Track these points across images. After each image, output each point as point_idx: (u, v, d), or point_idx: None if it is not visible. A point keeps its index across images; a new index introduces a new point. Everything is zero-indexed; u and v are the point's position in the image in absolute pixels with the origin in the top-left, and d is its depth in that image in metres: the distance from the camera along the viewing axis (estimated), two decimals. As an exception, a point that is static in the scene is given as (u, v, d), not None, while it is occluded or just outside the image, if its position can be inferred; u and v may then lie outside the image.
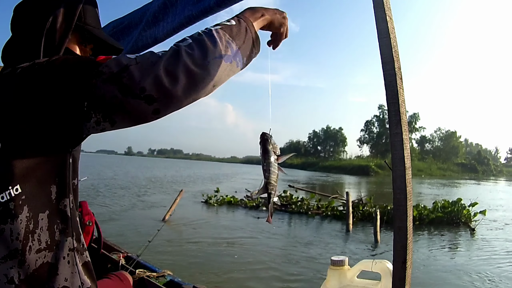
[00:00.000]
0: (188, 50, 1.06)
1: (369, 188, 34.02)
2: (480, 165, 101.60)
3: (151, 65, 1.02)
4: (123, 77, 1.00)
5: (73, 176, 1.13)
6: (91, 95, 1.00)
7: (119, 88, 0.99)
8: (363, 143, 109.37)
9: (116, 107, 1.01)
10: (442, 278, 7.72)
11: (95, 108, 1.01)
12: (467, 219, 13.91)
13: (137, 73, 1.00)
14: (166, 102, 1.03)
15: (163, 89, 1.01)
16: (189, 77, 1.04)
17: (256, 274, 7.50)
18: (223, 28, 1.15)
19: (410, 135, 2.36)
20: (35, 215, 1.03)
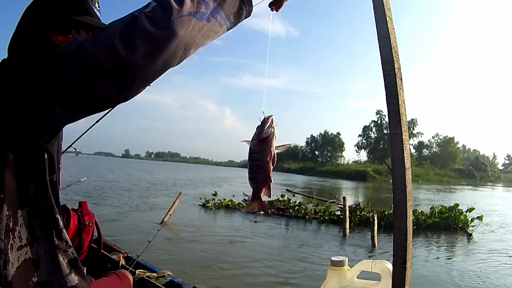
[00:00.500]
0: (150, 13, 0.94)
1: (367, 193, 34.02)
2: (478, 171, 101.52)
3: (105, 37, 0.92)
4: (78, 55, 0.91)
5: (51, 172, 1.08)
6: (50, 81, 0.92)
7: (75, 68, 0.91)
8: (361, 148, 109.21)
9: (77, 90, 0.92)
10: (439, 283, 7.71)
11: (57, 94, 0.93)
12: (464, 225, 13.92)
13: (92, 48, 0.91)
14: (128, 75, 0.93)
15: (120, 60, 0.90)
16: (149, 41, 0.92)
17: (254, 277, 7.49)
18: None
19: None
20: (14, 213, 1.00)
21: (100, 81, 0.91)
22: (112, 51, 0.90)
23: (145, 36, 0.91)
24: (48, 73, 0.92)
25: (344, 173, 78.29)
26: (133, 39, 0.91)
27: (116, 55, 0.90)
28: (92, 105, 0.98)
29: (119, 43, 0.90)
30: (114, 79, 0.92)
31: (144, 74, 0.94)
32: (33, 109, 0.95)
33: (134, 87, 0.97)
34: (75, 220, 2.57)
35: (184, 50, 0.98)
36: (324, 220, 14.92)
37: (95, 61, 0.90)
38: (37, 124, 0.98)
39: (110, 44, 0.90)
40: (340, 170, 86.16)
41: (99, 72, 0.90)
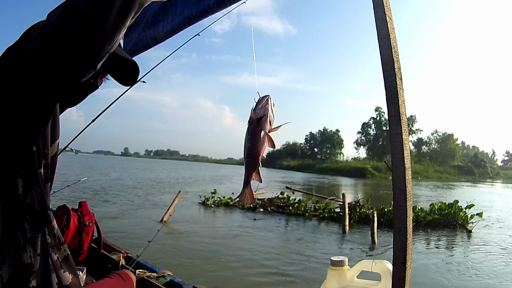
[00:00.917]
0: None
1: (366, 190, 34.03)
2: (477, 167, 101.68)
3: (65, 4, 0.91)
4: (43, 26, 0.92)
5: (40, 165, 1.07)
6: (24, 58, 0.94)
7: (42, 37, 0.91)
8: (360, 145, 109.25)
9: (46, 59, 0.91)
10: (439, 279, 7.72)
11: (32, 70, 0.93)
12: (464, 221, 13.94)
13: (53, 13, 0.92)
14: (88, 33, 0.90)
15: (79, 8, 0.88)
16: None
17: (254, 275, 7.50)
18: None
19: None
20: (8, 214, 1.00)
21: (63, 40, 0.89)
22: (65, 9, 0.90)
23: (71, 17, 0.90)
24: (23, 52, 0.95)
25: (343, 170, 78.36)
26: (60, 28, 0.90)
27: (67, 10, 0.90)
28: (69, 73, 0.96)
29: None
30: (76, 32, 0.89)
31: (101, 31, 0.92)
32: (14, 93, 0.96)
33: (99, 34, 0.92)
34: (75, 220, 2.58)
35: None
36: (323, 217, 14.92)
37: (55, 22, 0.89)
38: (21, 108, 0.98)
39: (64, 4, 0.91)
40: (339, 167, 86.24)
41: (60, 31, 0.89)
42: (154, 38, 2.21)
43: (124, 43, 2.39)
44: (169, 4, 2.09)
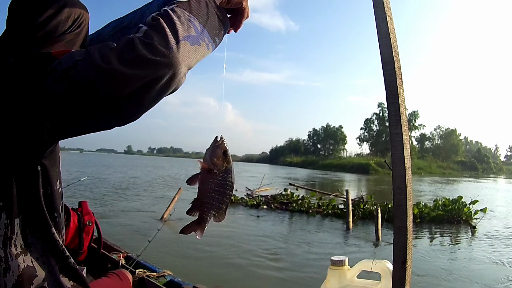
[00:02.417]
0: (145, 39, 0.89)
1: (369, 186, 33.99)
2: (480, 163, 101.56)
3: (102, 58, 0.88)
4: (72, 75, 0.88)
5: (44, 184, 1.06)
6: (42, 96, 0.90)
7: (69, 86, 0.88)
8: (363, 141, 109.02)
9: (69, 108, 0.90)
10: (443, 275, 7.71)
11: (48, 110, 0.91)
12: (468, 217, 13.91)
13: (87, 68, 0.88)
14: (124, 101, 0.90)
15: (116, 86, 0.88)
16: (148, 69, 0.88)
17: (256, 272, 7.51)
18: (180, 5, 0.99)
19: (409, 133, 2.37)
20: (12, 221, 0.99)
21: (93, 102, 0.89)
22: (108, 75, 0.87)
23: (144, 63, 0.88)
24: (41, 88, 0.90)
25: (346, 166, 78.40)
26: (130, 65, 0.88)
27: (112, 80, 0.87)
28: (86, 126, 0.97)
29: (116, 67, 0.87)
30: (108, 103, 0.89)
31: (141, 101, 0.93)
32: (23, 122, 0.94)
33: (130, 113, 0.94)
34: (75, 219, 2.58)
35: (181, 76, 0.95)
36: (327, 214, 14.91)
37: (89, 82, 0.87)
38: (27, 136, 0.96)
39: (106, 68, 0.87)
40: (342, 163, 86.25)
41: (93, 93, 0.88)
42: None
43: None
44: (169, 4, 2.08)
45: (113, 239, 3.83)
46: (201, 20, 1.01)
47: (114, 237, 8.13)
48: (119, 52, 0.88)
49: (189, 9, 1.00)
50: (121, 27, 2.44)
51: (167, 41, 0.90)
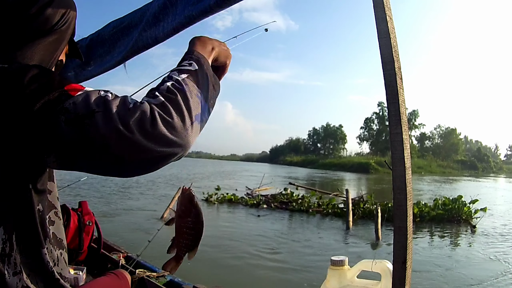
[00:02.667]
0: (165, 115, 0.92)
1: (369, 186, 34.02)
2: (480, 162, 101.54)
3: (120, 118, 0.88)
4: (87, 124, 0.87)
5: (40, 205, 1.05)
6: (52, 133, 0.88)
7: (81, 134, 0.87)
8: (363, 140, 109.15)
9: (76, 152, 0.89)
10: (443, 275, 7.72)
11: (55, 147, 0.90)
12: (468, 216, 13.93)
13: (103, 123, 0.87)
14: (131, 163, 0.92)
15: (129, 150, 0.89)
16: (161, 144, 0.91)
17: (256, 272, 7.52)
18: (189, 76, 1.03)
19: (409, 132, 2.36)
20: (10, 238, 0.98)
21: (101, 156, 0.89)
22: (124, 141, 0.88)
23: (163, 141, 0.91)
24: (53, 125, 0.88)
25: (346, 166, 78.51)
26: (149, 139, 0.89)
27: (127, 147, 0.89)
28: (88, 168, 0.96)
29: (135, 137, 0.88)
30: (115, 161, 0.90)
31: (146, 167, 0.95)
32: (25, 148, 0.92)
33: (131, 173, 0.96)
34: (75, 220, 2.58)
35: (186, 151, 0.98)
36: (327, 213, 14.93)
37: (103, 140, 0.87)
38: (27, 160, 0.96)
39: (125, 135, 0.88)
40: (342, 162, 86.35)
41: (103, 151, 0.88)
42: (155, 38, 2.20)
43: (124, 43, 2.38)
44: (169, 4, 2.08)
45: (114, 238, 3.83)
46: (204, 94, 1.05)
47: (115, 235, 8.16)
48: (139, 122, 0.89)
49: (197, 82, 1.03)
50: (121, 27, 2.45)
51: (184, 122, 0.94)
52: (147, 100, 0.94)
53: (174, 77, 1.01)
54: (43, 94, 0.90)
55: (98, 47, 2.50)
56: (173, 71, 1.04)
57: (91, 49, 2.53)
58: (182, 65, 1.06)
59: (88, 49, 2.54)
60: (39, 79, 0.93)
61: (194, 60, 1.09)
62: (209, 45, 1.18)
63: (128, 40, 2.36)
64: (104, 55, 2.48)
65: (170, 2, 2.08)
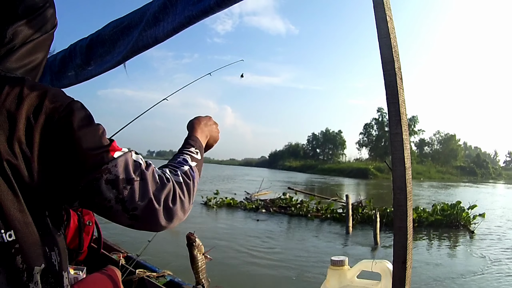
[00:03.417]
0: (182, 195, 1.11)
1: (368, 191, 34.00)
2: (479, 168, 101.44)
3: (153, 192, 1.03)
4: (125, 189, 0.99)
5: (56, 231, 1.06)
6: (90, 185, 0.96)
7: (116, 196, 0.99)
8: (362, 146, 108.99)
9: (103, 207, 1.00)
10: (442, 279, 7.71)
11: (87, 197, 0.98)
12: (467, 222, 13.93)
13: (138, 193, 1.01)
14: (145, 226, 1.06)
15: (150, 219, 1.04)
16: (173, 218, 1.08)
17: (256, 274, 7.52)
18: (197, 165, 1.27)
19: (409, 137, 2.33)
20: (29, 268, 0.94)
21: (125, 216, 1.02)
22: (151, 208, 1.03)
23: (173, 217, 1.08)
24: (94, 179, 0.97)
25: (345, 171, 78.33)
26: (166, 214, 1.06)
27: (149, 214, 1.03)
28: (102, 215, 1.05)
29: (159, 207, 1.04)
30: (135, 221, 1.04)
31: (150, 228, 1.08)
32: (58, 190, 0.98)
33: (136, 228, 1.08)
34: (75, 219, 2.58)
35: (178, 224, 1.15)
36: (326, 218, 14.94)
37: (134, 206, 1.01)
38: (52, 198, 1.00)
39: (154, 204, 1.03)
40: (341, 168, 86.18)
41: (130, 212, 1.02)
42: (155, 38, 2.21)
43: (125, 43, 2.39)
44: (169, 4, 2.09)
45: (114, 238, 3.82)
46: (199, 177, 1.27)
47: (115, 235, 8.12)
48: (166, 199, 1.06)
49: (199, 171, 1.28)
50: (121, 27, 2.46)
51: (189, 204, 1.14)
52: (170, 177, 1.11)
53: (188, 162, 1.24)
54: (94, 148, 0.98)
55: (98, 47, 2.50)
56: (186, 154, 1.29)
57: (91, 49, 2.53)
58: (191, 152, 1.31)
59: (88, 49, 2.54)
60: (89, 124, 1.00)
61: (198, 148, 1.35)
62: (205, 132, 1.46)
63: (128, 40, 2.37)
64: (104, 55, 2.48)
65: (170, 2, 2.08)
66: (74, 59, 2.63)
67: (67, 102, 0.98)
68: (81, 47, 2.57)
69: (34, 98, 0.93)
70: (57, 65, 2.75)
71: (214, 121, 1.53)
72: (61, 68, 2.72)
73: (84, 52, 2.55)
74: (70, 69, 2.67)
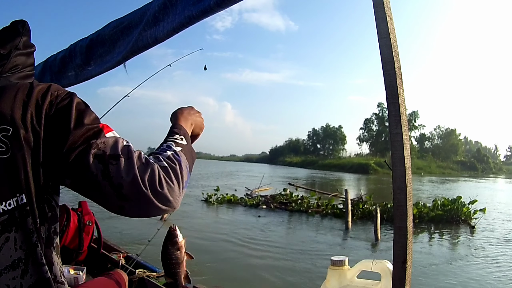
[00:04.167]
0: (169, 181, 1.11)
1: (369, 186, 33.98)
2: (480, 163, 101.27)
3: (138, 170, 1.05)
4: (111, 164, 1.03)
5: None
6: (79, 159, 1.02)
7: (103, 171, 1.02)
8: (363, 141, 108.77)
9: (92, 183, 1.03)
10: (442, 275, 7.72)
11: (76, 172, 1.03)
12: (467, 217, 13.93)
13: (124, 171, 1.04)
14: (133, 207, 1.07)
15: (136, 196, 1.05)
16: (163, 202, 1.08)
17: (256, 272, 7.51)
18: (182, 150, 1.25)
19: (409, 133, 2.36)
20: (37, 229, 1.03)
21: (112, 194, 1.04)
22: (136, 190, 1.04)
23: (164, 200, 1.08)
24: (82, 153, 1.03)
25: (346, 166, 78.25)
26: (155, 196, 1.06)
27: (137, 195, 1.04)
28: (91, 198, 1.08)
29: (146, 191, 1.05)
30: (122, 201, 1.05)
31: (141, 213, 1.10)
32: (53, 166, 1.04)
33: (129, 215, 1.10)
34: (75, 220, 2.59)
35: (174, 211, 1.17)
36: (326, 213, 14.94)
37: (120, 182, 1.03)
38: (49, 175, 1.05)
39: (138, 182, 1.04)
40: (342, 163, 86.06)
41: (117, 189, 1.03)
42: (155, 38, 2.20)
43: (125, 43, 2.38)
44: (169, 4, 2.08)
45: (114, 238, 3.82)
46: (190, 166, 1.27)
47: (115, 235, 8.15)
48: (151, 180, 1.07)
49: (186, 155, 1.25)
50: (121, 27, 2.46)
51: (179, 188, 1.14)
52: (153, 161, 1.12)
53: (172, 148, 1.23)
54: (86, 124, 1.06)
55: (98, 47, 2.50)
56: (170, 141, 1.27)
57: (91, 49, 2.53)
58: (175, 138, 1.30)
59: (88, 49, 2.54)
60: (84, 108, 1.09)
61: (183, 135, 1.33)
62: (189, 121, 1.44)
63: (128, 40, 2.37)
64: (104, 55, 2.48)
65: (170, 2, 2.08)
66: (74, 59, 2.63)
67: (67, 92, 1.11)
68: (81, 47, 2.57)
69: (41, 88, 1.07)
70: (57, 65, 2.75)
71: (197, 110, 1.54)
72: (61, 68, 2.72)
73: (84, 52, 2.55)
74: (70, 69, 2.67)
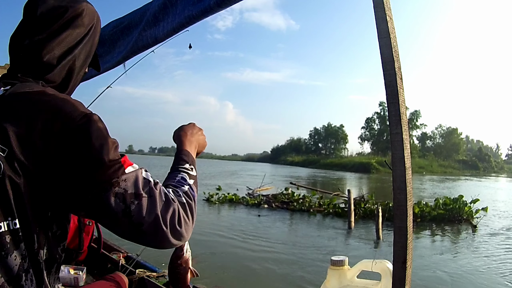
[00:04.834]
0: (185, 216, 1.10)
1: (370, 185, 33.98)
2: (481, 161, 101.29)
3: (159, 213, 1.03)
4: (133, 204, 1.00)
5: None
6: (99, 196, 0.98)
7: (123, 210, 0.99)
8: (364, 140, 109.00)
9: (110, 219, 1.01)
10: (444, 275, 7.71)
11: (93, 207, 1.00)
12: (469, 216, 13.91)
13: (145, 209, 1.01)
14: (149, 242, 1.06)
15: (154, 235, 1.04)
16: (179, 239, 1.08)
17: (256, 272, 7.51)
18: (195, 183, 1.25)
19: (411, 132, 2.36)
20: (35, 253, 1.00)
21: (132, 231, 1.03)
22: (157, 226, 1.03)
23: (178, 237, 1.08)
24: (103, 190, 0.98)
25: (347, 165, 78.38)
26: (172, 234, 1.06)
27: (156, 229, 1.02)
28: (107, 227, 1.06)
29: (165, 225, 1.04)
30: (139, 235, 1.03)
31: (155, 245, 1.08)
32: (69, 199, 1.01)
33: (143, 244, 1.09)
34: (75, 220, 2.58)
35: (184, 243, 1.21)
36: (328, 213, 14.94)
37: (141, 221, 1.01)
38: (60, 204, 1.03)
39: (159, 222, 1.03)
40: (343, 162, 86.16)
41: (137, 227, 1.01)
42: (155, 38, 2.20)
43: (124, 43, 2.38)
44: (169, 4, 2.08)
45: (114, 238, 3.81)
46: (196, 196, 1.24)
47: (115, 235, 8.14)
48: (172, 219, 1.06)
49: (196, 187, 1.25)
50: (121, 27, 2.45)
51: (192, 223, 1.14)
52: (173, 198, 1.10)
53: (187, 181, 1.23)
54: (107, 162, 1.00)
55: (98, 47, 2.49)
56: (183, 172, 1.26)
57: (91, 49, 2.53)
58: (186, 169, 1.28)
59: (88, 49, 2.54)
60: (105, 138, 1.02)
61: (192, 164, 1.32)
62: (193, 143, 1.42)
63: (128, 40, 2.37)
64: (104, 55, 2.48)
65: (170, 2, 2.07)
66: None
67: (85, 113, 1.02)
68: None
69: (54, 104, 1.01)
70: (57, 65, 2.74)
71: (199, 127, 1.50)
72: (61, 68, 2.71)
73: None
74: (69, 69, 2.67)
